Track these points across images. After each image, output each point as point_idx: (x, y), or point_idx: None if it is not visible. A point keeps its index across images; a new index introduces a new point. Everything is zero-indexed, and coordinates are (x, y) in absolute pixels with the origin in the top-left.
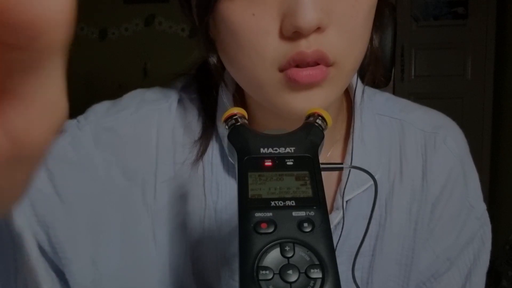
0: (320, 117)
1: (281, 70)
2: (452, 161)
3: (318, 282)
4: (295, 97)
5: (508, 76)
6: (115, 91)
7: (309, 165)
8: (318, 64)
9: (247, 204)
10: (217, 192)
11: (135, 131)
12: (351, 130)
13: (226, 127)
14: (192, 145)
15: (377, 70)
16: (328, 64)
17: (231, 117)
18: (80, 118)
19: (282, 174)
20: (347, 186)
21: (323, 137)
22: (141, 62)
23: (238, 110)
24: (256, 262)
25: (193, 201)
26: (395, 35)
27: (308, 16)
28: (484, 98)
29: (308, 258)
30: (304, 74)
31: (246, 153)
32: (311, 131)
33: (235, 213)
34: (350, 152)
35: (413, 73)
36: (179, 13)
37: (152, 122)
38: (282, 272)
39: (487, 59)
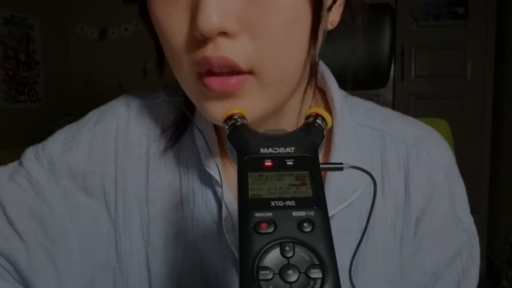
0: (320, 117)
1: (198, 73)
2: (436, 173)
3: (318, 282)
4: (211, 105)
5: (508, 76)
6: (115, 91)
7: (309, 165)
8: (233, 72)
9: (247, 204)
10: (193, 200)
11: (91, 149)
12: (332, 142)
13: (226, 127)
14: (161, 146)
15: (315, 83)
16: (243, 72)
17: (231, 117)
18: (39, 147)
19: (282, 174)
20: (330, 202)
21: (323, 137)
22: (141, 62)
23: (238, 110)
24: (256, 262)
25: (170, 211)
26: (394, 36)
27: (206, 19)
28: (484, 98)
29: (308, 258)
30: (216, 82)
31: (246, 153)
32: (311, 131)
33: (212, 223)
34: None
35: (413, 73)
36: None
37: (109, 134)
38: (282, 272)
39: (487, 59)
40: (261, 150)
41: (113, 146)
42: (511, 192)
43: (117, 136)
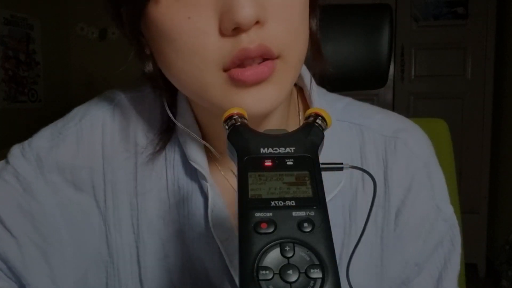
0: (320, 117)
1: (225, 70)
2: (415, 163)
3: (318, 282)
4: (243, 97)
5: (508, 76)
6: None
7: (309, 165)
8: (264, 59)
9: (247, 204)
10: (179, 195)
11: (78, 143)
12: None
13: (226, 127)
14: (149, 143)
15: (322, 61)
16: (273, 58)
17: (231, 117)
18: (25, 144)
19: (282, 174)
20: None
21: (323, 137)
22: (141, 62)
23: (237, 110)
24: (256, 262)
25: (159, 205)
26: (393, 36)
27: (245, 10)
28: (484, 98)
29: (308, 258)
30: (249, 73)
31: (246, 153)
32: (311, 131)
33: (198, 217)
34: None
35: (413, 73)
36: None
37: (96, 128)
38: (282, 272)
39: (487, 59)
40: (261, 150)
41: (99, 140)
42: (511, 192)
43: (104, 130)
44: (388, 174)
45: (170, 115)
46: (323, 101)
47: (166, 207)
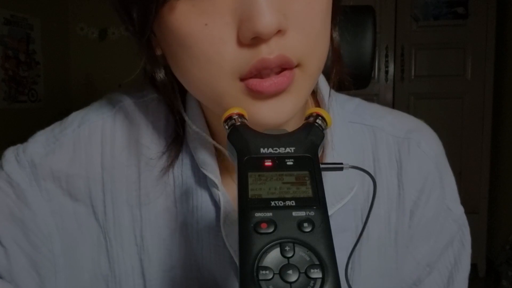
0: (320, 117)
1: (242, 79)
2: (427, 164)
3: (318, 282)
4: (260, 107)
5: (508, 76)
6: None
7: (309, 165)
8: (283, 69)
9: (247, 204)
10: (187, 204)
11: (75, 151)
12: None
13: (226, 127)
14: (158, 152)
15: (342, 69)
16: (292, 67)
17: (231, 117)
18: (20, 150)
19: (282, 174)
20: (328, 201)
21: (323, 137)
22: (141, 62)
23: (238, 110)
24: (256, 262)
25: (165, 214)
26: (375, 38)
27: (266, 19)
28: (484, 98)
29: (308, 258)
30: (268, 84)
31: (246, 153)
32: (311, 131)
33: (208, 226)
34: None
35: (413, 73)
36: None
37: (95, 136)
38: (282, 272)
39: (487, 59)
40: (261, 150)
41: (99, 149)
42: (511, 192)
43: (103, 138)
44: (402, 176)
45: (188, 121)
46: (334, 103)
47: (173, 216)
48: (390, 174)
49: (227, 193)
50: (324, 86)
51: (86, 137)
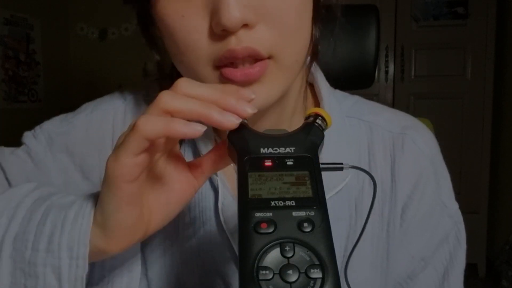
0: (320, 117)
1: (218, 67)
2: (422, 160)
3: (318, 282)
4: None
5: (508, 76)
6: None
7: (309, 165)
8: (256, 60)
9: (247, 204)
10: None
11: (88, 131)
12: None
13: None
14: None
15: (317, 64)
16: (264, 59)
17: None
18: (37, 128)
19: (282, 174)
20: None
21: (323, 137)
22: (141, 62)
23: None
24: (256, 262)
25: None
26: (379, 37)
27: (230, 13)
28: (484, 98)
29: (308, 258)
30: (240, 73)
31: (246, 153)
32: (311, 131)
33: (208, 212)
34: None
35: (413, 73)
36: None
37: (107, 121)
38: (282, 272)
39: (487, 59)
40: (261, 150)
41: (110, 133)
42: (511, 192)
43: (115, 125)
44: (395, 169)
45: None
46: (332, 98)
47: None
48: (385, 168)
49: (226, 180)
50: (323, 85)
51: (99, 121)
